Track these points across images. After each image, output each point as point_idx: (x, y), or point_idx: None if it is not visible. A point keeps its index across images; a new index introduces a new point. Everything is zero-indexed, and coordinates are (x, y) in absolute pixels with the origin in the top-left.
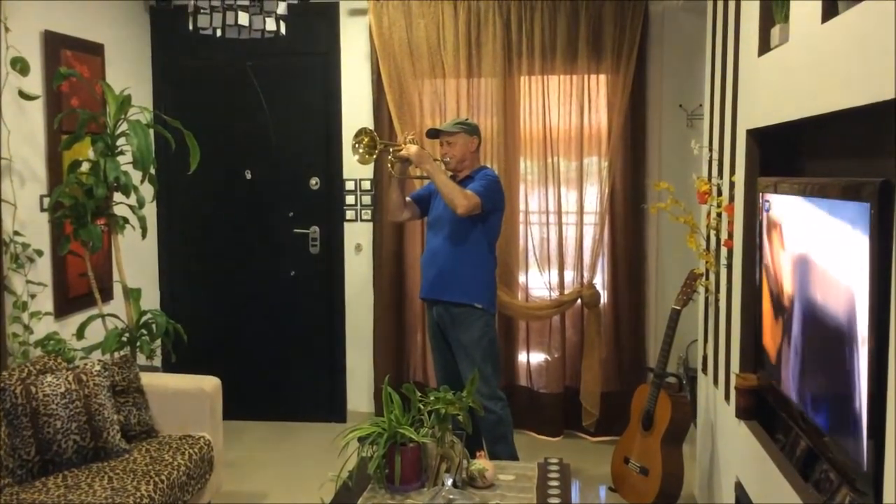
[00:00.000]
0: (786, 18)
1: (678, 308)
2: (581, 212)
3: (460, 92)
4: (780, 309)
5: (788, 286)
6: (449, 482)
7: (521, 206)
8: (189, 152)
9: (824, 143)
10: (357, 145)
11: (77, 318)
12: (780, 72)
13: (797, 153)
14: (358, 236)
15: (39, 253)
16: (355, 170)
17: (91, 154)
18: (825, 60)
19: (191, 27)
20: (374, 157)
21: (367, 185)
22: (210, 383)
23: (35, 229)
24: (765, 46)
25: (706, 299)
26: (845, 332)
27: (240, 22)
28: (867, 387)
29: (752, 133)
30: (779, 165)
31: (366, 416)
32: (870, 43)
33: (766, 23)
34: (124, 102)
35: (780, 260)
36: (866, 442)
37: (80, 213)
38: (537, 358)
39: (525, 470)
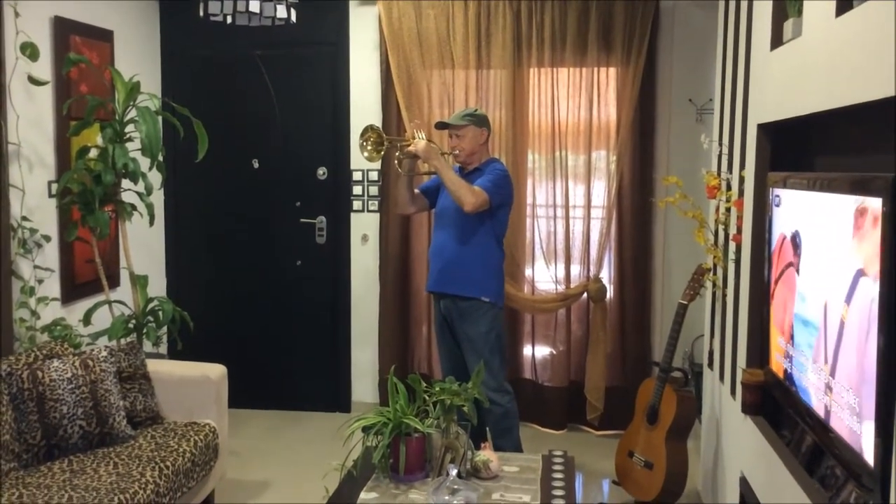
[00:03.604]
0: (799, 12)
1: (685, 303)
2: (588, 206)
3: (469, 83)
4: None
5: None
6: (453, 473)
7: (529, 200)
8: (197, 140)
9: (835, 138)
10: (364, 143)
11: (84, 304)
12: (793, 66)
13: (808, 148)
14: (365, 227)
15: (47, 238)
16: (363, 160)
17: (99, 140)
18: (839, 55)
19: (201, 13)
20: (382, 153)
21: (374, 175)
22: (216, 371)
23: (43, 215)
24: (777, 40)
25: (713, 294)
26: (855, 327)
27: (250, 8)
28: (876, 383)
29: (762, 128)
30: (789, 160)
31: (370, 407)
32: (884, 37)
33: (779, 17)
34: (133, 89)
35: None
36: (874, 439)
37: (87, 199)
38: (542, 351)
39: (529, 462)
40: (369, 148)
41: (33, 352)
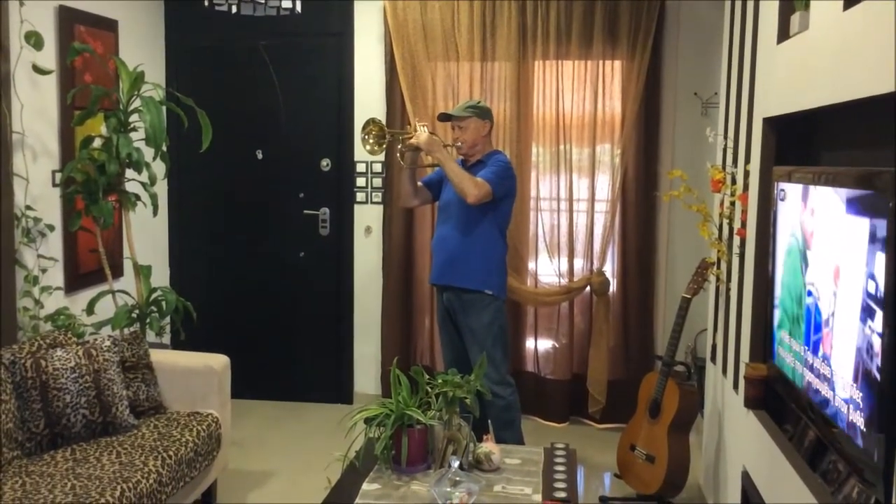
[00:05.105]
0: (806, 6)
1: (688, 297)
2: (592, 199)
3: (473, 75)
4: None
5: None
6: (455, 465)
7: (532, 193)
8: (201, 130)
9: (841, 132)
10: (366, 137)
11: (87, 294)
12: (800, 59)
13: (813, 142)
14: (368, 219)
15: (51, 228)
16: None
17: (104, 130)
18: (846, 49)
19: (206, 3)
20: (384, 146)
21: (378, 167)
22: (219, 361)
23: (47, 204)
24: (784, 34)
25: (717, 288)
26: (859, 321)
27: None
28: (880, 379)
29: (768, 121)
30: (794, 154)
31: (372, 399)
32: (892, 31)
33: (786, 10)
34: (137, 79)
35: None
36: (877, 434)
37: (91, 188)
38: (545, 344)
39: (531, 455)
40: (371, 141)
41: (36, 341)
